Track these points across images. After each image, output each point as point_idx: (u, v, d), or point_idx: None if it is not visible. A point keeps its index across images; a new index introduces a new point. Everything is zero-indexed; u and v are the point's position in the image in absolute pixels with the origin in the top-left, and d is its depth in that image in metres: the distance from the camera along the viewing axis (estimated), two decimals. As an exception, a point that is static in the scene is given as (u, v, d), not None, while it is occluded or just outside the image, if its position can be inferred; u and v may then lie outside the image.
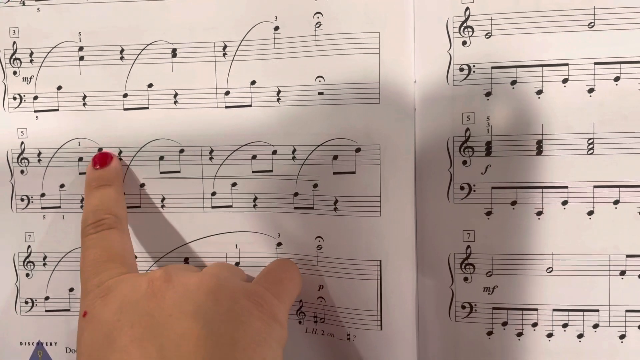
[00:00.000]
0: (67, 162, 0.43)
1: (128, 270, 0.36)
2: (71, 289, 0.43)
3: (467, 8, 0.37)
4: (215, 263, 0.39)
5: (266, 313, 0.34)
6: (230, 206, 0.42)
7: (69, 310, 0.44)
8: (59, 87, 0.42)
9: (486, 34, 0.37)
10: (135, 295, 0.33)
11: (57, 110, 0.42)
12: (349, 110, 0.39)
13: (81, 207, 0.43)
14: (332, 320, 0.41)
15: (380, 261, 0.39)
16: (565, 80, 0.37)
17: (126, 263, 0.37)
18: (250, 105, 0.41)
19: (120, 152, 0.42)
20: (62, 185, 0.43)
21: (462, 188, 0.39)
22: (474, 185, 0.38)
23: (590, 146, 0.37)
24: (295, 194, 0.40)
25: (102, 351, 0.31)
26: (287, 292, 0.37)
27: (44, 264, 0.44)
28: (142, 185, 0.42)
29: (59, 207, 0.43)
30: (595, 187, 0.37)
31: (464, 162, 0.38)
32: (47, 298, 0.44)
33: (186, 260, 0.42)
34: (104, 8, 0.41)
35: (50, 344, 0.44)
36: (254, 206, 0.41)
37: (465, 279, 0.39)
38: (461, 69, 0.38)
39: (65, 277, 0.44)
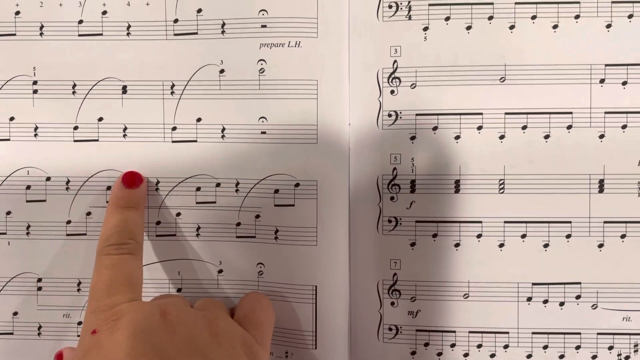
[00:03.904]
0: (15, 190, 0.49)
1: (138, 297, 0.42)
2: (15, 313, 0.49)
3: (395, 61, 0.46)
4: (206, 300, 0.45)
5: None
6: (174, 235, 0.48)
7: (12, 333, 0.50)
8: (12, 118, 0.49)
9: (411, 85, 0.46)
10: (149, 324, 0.38)
11: (8, 140, 0.49)
12: (290, 148, 0.47)
13: (27, 233, 0.49)
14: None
15: (316, 286, 0.47)
16: (479, 128, 0.46)
17: (138, 291, 0.42)
18: (195, 141, 0.48)
19: (68, 181, 0.49)
20: (8, 212, 0.49)
21: (389, 221, 0.47)
22: (400, 219, 0.47)
23: (501, 186, 0.46)
24: (238, 224, 0.48)
25: None
26: (267, 336, 0.44)
27: (-11, 288, 0.50)
28: (89, 213, 0.49)
29: (5, 234, 0.49)
30: (505, 222, 0.46)
31: (392, 198, 0.47)
32: (-9, 321, 0.50)
33: None
34: (58, 45, 0.48)
35: (-7, 365, 0.50)
36: (197, 235, 0.48)
37: (392, 303, 0.47)
38: (389, 115, 0.46)
39: (9, 301, 0.49)
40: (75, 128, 0.49)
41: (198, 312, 0.42)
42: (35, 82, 0.49)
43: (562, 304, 0.46)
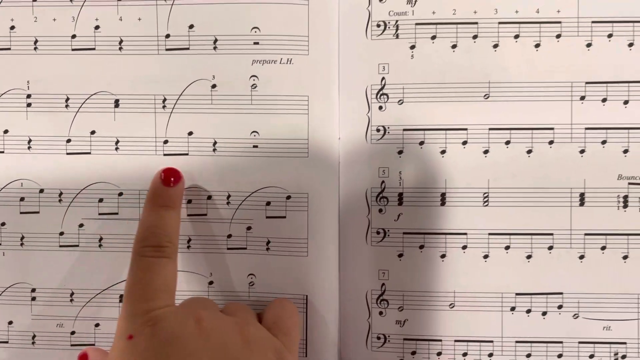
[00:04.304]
0: (9, 202, 0.50)
1: (173, 302, 0.43)
2: (10, 322, 0.50)
3: (383, 78, 0.48)
4: (234, 304, 0.46)
5: None
6: (165, 246, 0.51)
7: (7, 342, 0.51)
8: (6, 131, 0.50)
9: (399, 101, 0.48)
10: (183, 332, 0.40)
11: (2, 152, 0.50)
12: (281, 162, 0.48)
13: (21, 244, 0.50)
14: (262, 349, 0.50)
15: (307, 296, 0.49)
16: (464, 143, 0.48)
17: (173, 296, 0.43)
18: (187, 154, 0.49)
19: (61, 193, 0.50)
20: (2, 224, 0.50)
21: (378, 233, 0.49)
22: (388, 231, 0.49)
23: (486, 199, 0.48)
24: (229, 236, 0.49)
25: None
26: (296, 341, 0.45)
27: (-16, 298, 0.51)
28: (81, 225, 0.50)
29: (0, 245, 0.50)
30: (489, 234, 0.48)
31: (380, 210, 0.49)
32: (-14, 331, 0.51)
33: (120, 298, 0.50)
34: (52, 59, 0.49)
35: (-12, 374, 0.51)
36: (188, 247, 0.49)
37: (380, 313, 0.49)
38: (378, 130, 0.48)
39: (4, 311, 0.50)
40: (68, 141, 0.50)
41: (229, 318, 0.43)
42: (29, 96, 0.50)
43: (544, 313, 0.48)
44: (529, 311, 0.48)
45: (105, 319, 0.50)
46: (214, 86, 0.49)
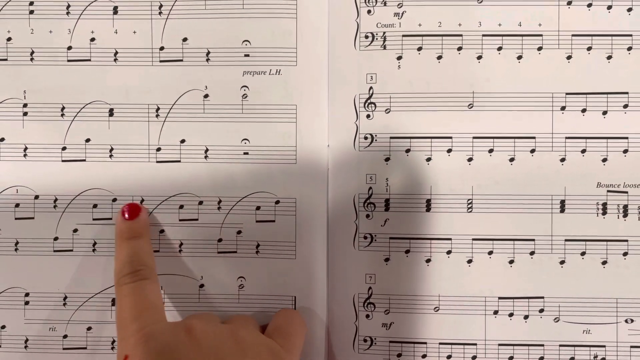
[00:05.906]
0: (4, 208, 0.51)
1: (162, 318, 0.44)
2: (3, 327, 0.52)
3: (371, 87, 0.50)
4: (236, 316, 0.48)
5: None
6: (157, 251, 0.51)
7: (0, 346, 0.52)
8: (2, 139, 0.51)
9: (386, 110, 0.50)
10: (175, 343, 0.41)
11: None
12: (271, 168, 0.50)
13: (15, 249, 0.51)
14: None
15: (295, 297, 0.51)
16: (449, 151, 0.49)
17: (159, 311, 0.45)
18: (179, 161, 0.51)
19: (56, 199, 0.51)
20: None
21: (365, 237, 0.50)
22: (375, 236, 0.50)
23: (470, 205, 0.49)
24: (220, 240, 0.51)
25: None
26: (296, 345, 0.46)
27: (-24, 304, 0.52)
28: (75, 230, 0.51)
29: (-6, 250, 0.52)
30: (473, 239, 0.49)
31: (367, 216, 0.50)
32: (-21, 336, 0.52)
33: (113, 301, 0.51)
34: (48, 70, 0.51)
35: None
36: (180, 251, 0.51)
37: (367, 316, 0.50)
38: (365, 138, 0.50)
39: None
40: (64, 149, 0.51)
41: (223, 325, 0.45)
42: (25, 105, 0.51)
43: (526, 317, 0.50)
44: (511, 315, 0.50)
45: (98, 322, 0.52)
46: (206, 96, 0.51)
